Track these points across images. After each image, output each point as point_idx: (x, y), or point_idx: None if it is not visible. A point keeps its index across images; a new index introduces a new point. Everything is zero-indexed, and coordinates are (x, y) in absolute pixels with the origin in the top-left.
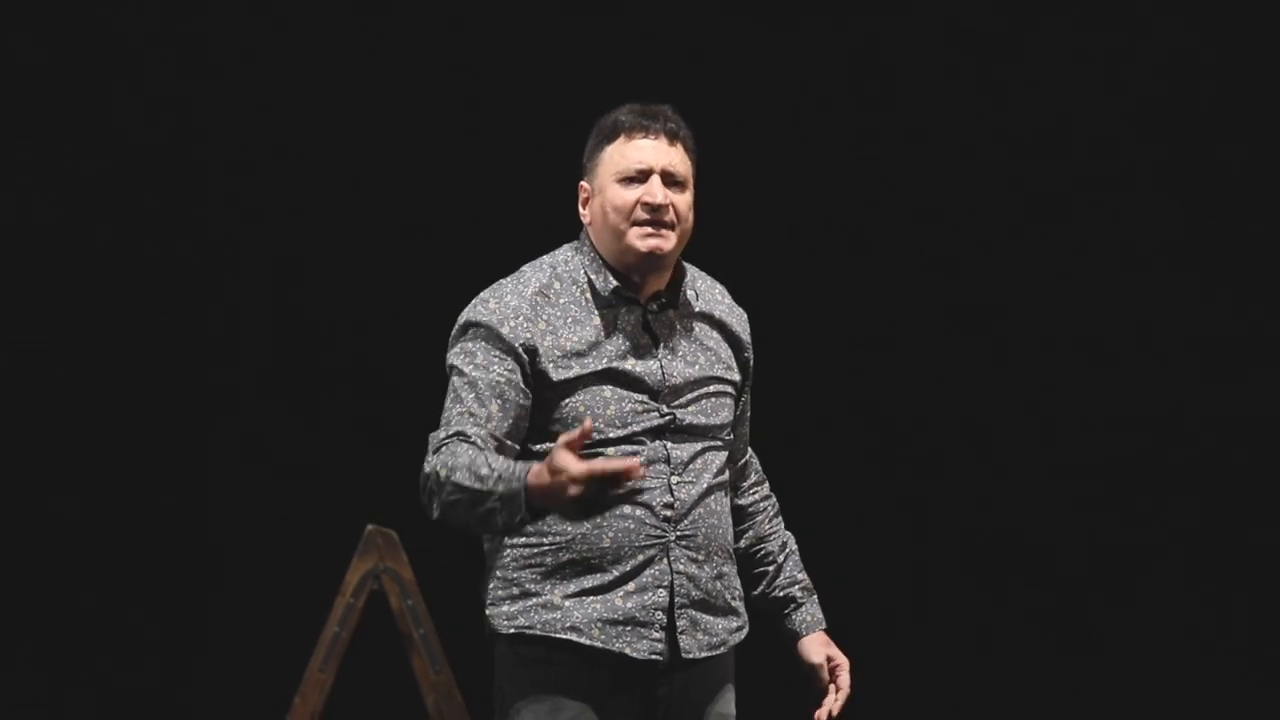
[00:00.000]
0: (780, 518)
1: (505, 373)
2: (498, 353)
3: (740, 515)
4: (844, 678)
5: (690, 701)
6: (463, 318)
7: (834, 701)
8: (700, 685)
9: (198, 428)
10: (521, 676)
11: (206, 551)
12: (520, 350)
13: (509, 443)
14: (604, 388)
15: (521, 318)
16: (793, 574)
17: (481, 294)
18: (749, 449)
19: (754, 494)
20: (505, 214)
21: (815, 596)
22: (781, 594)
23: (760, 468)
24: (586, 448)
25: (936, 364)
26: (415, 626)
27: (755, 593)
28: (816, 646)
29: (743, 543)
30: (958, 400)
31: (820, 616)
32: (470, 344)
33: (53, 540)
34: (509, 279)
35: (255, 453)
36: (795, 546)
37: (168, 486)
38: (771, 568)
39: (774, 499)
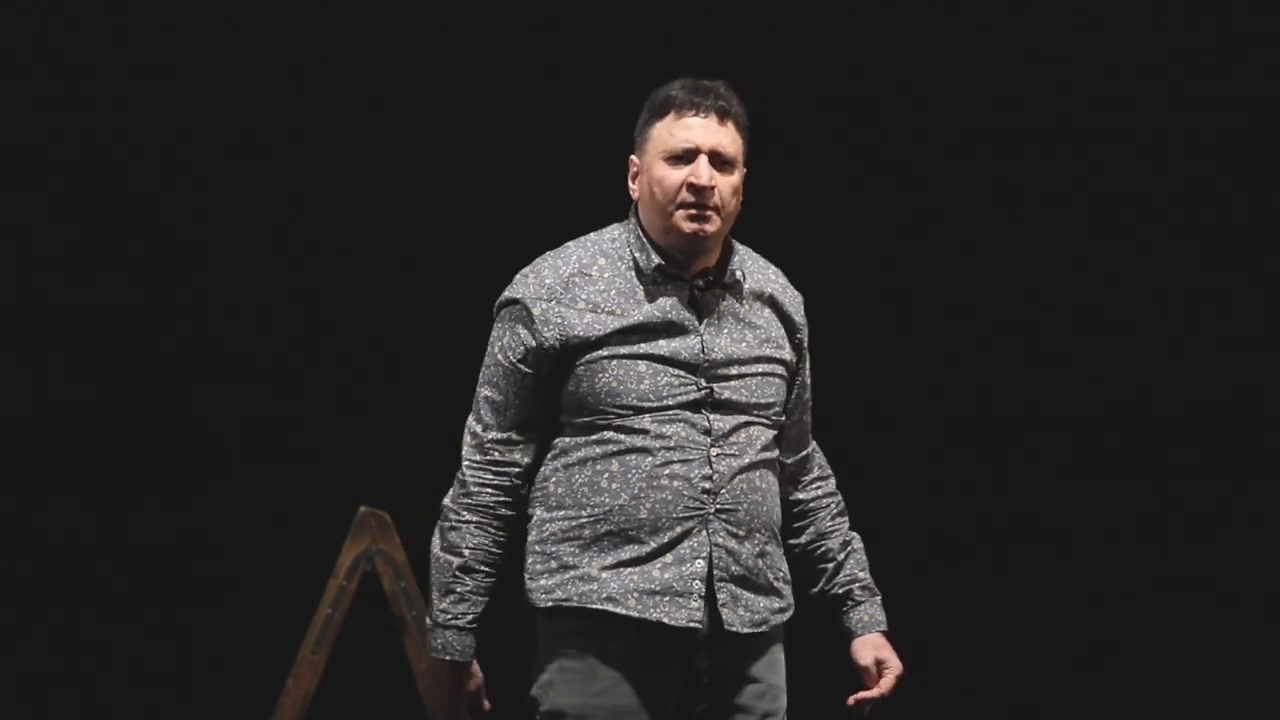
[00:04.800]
0: (845, 517)
1: (523, 365)
2: (525, 334)
3: (801, 511)
4: (888, 679)
5: (735, 673)
6: (505, 292)
7: (868, 695)
8: (745, 657)
9: (190, 410)
10: (558, 649)
11: (199, 534)
12: (547, 334)
13: (528, 433)
14: (638, 363)
15: (554, 300)
16: (853, 572)
17: (524, 269)
18: (812, 441)
19: (816, 489)
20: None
21: (878, 598)
22: (840, 591)
23: (825, 463)
24: (627, 415)
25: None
26: (408, 609)
27: (814, 590)
28: (869, 649)
29: (803, 539)
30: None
31: (880, 619)
32: (504, 323)
33: (45, 528)
34: (551, 254)
35: (247, 434)
36: (860, 546)
37: (160, 469)
38: (831, 565)
39: (839, 497)
